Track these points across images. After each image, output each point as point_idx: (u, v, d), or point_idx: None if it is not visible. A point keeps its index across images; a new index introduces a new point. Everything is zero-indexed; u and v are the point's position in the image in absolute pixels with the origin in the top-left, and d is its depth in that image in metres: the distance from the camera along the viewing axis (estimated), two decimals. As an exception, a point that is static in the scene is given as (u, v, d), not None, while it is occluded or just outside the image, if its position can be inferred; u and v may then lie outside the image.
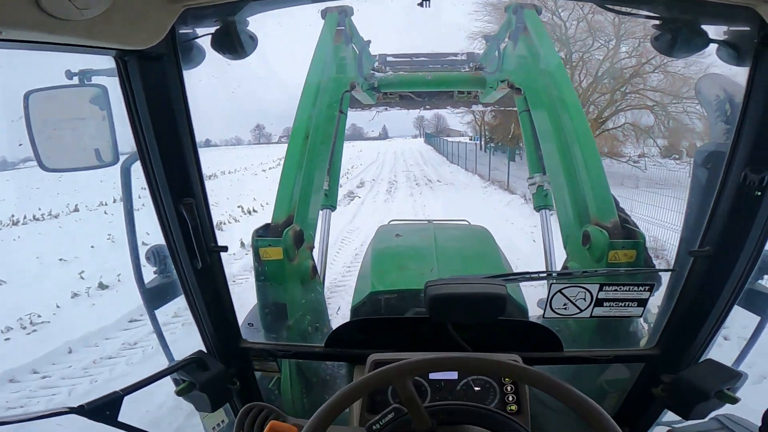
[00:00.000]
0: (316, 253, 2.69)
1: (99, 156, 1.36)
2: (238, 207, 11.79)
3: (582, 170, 2.08)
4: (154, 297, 1.63)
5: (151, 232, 1.49)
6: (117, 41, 1.04)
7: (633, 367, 1.61)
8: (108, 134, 1.34)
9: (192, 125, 1.32)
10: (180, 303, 1.60)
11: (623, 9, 1.27)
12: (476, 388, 1.31)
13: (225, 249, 1.45)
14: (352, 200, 13.91)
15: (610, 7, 1.25)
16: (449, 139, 33.90)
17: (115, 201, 14.71)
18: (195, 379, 1.42)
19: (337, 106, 2.74)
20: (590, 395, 1.82)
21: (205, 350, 1.56)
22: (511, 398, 1.29)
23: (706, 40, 1.20)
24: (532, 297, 2.39)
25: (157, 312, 1.69)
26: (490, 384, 1.32)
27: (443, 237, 2.82)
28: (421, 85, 3.63)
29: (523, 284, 2.09)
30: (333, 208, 3.32)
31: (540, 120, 2.55)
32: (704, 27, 1.21)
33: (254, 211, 11.67)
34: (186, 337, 1.82)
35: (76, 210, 14.38)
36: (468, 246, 2.88)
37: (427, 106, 4.05)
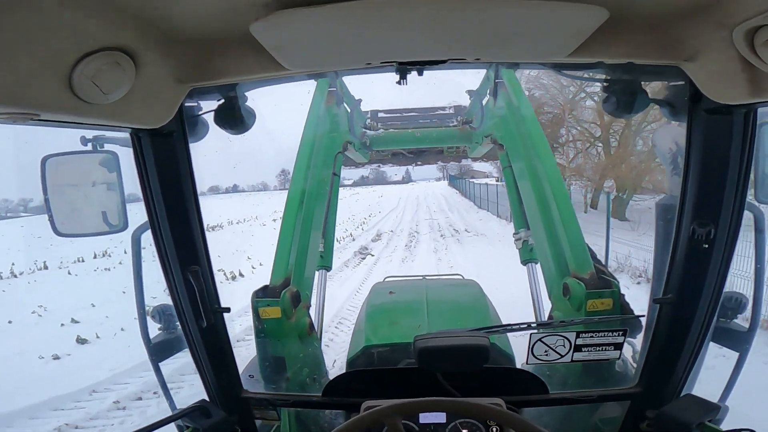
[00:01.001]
0: (313, 311, 2.80)
1: (108, 221, 1.48)
2: (219, 270, 9.76)
3: (559, 225, 2.21)
4: (159, 351, 1.73)
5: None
6: (134, 121, 1.17)
7: (622, 405, 1.67)
8: (118, 200, 1.47)
9: (197, 196, 1.45)
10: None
11: (575, 74, 1.43)
12: (464, 431, 1.38)
13: (228, 310, 1.58)
14: (363, 259, 11.72)
15: (567, 73, 1.39)
16: (475, 180, 31.45)
17: (95, 257, 14.18)
18: (199, 425, 1.50)
19: (330, 167, 2.88)
20: None
21: (207, 399, 1.64)
22: None
23: (648, 100, 1.34)
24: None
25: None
26: (477, 426, 1.39)
27: (434, 292, 2.92)
28: (410, 142, 3.81)
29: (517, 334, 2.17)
30: (328, 268, 3.42)
31: (519, 175, 2.69)
32: (647, 88, 1.35)
33: (240, 275, 10.27)
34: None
35: (44, 268, 13.27)
36: (457, 300, 2.96)
37: (419, 162, 4.23)
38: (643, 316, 1.60)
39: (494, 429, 1.38)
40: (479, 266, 8.41)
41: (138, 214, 1.50)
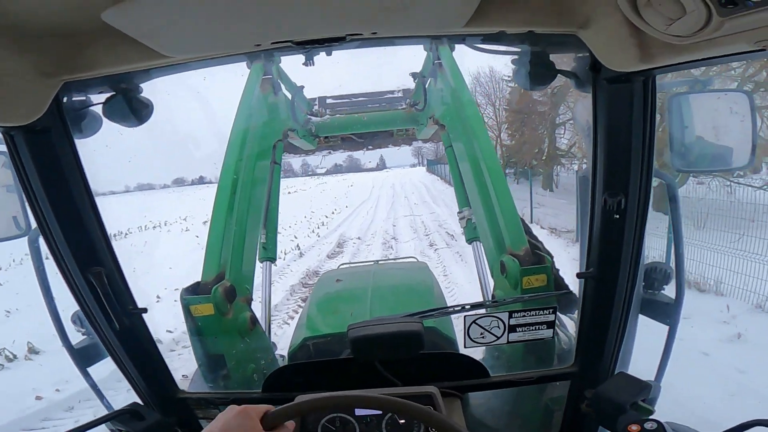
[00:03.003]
0: (258, 304, 2.73)
1: (9, 226, 1.38)
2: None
3: (495, 202, 2.20)
4: (84, 356, 1.63)
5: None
6: None
7: (564, 385, 1.66)
8: (16, 203, 1.36)
9: (92, 194, 1.35)
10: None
11: (485, 47, 1.36)
12: (401, 421, 1.36)
13: (145, 311, 1.49)
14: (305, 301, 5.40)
15: (479, 47, 1.35)
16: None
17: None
18: (131, 428, 1.45)
19: (269, 156, 2.79)
20: (534, 416, 1.91)
21: (140, 402, 1.58)
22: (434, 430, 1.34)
23: (555, 71, 1.32)
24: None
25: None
26: None
27: (381, 278, 2.90)
28: (357, 126, 3.75)
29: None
30: (273, 260, 3.33)
31: (459, 154, 2.68)
32: (555, 59, 1.32)
33: (12, 357, 5.80)
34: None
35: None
36: (403, 284, 2.95)
37: (370, 147, 4.18)
38: (571, 292, 1.60)
39: None
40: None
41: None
